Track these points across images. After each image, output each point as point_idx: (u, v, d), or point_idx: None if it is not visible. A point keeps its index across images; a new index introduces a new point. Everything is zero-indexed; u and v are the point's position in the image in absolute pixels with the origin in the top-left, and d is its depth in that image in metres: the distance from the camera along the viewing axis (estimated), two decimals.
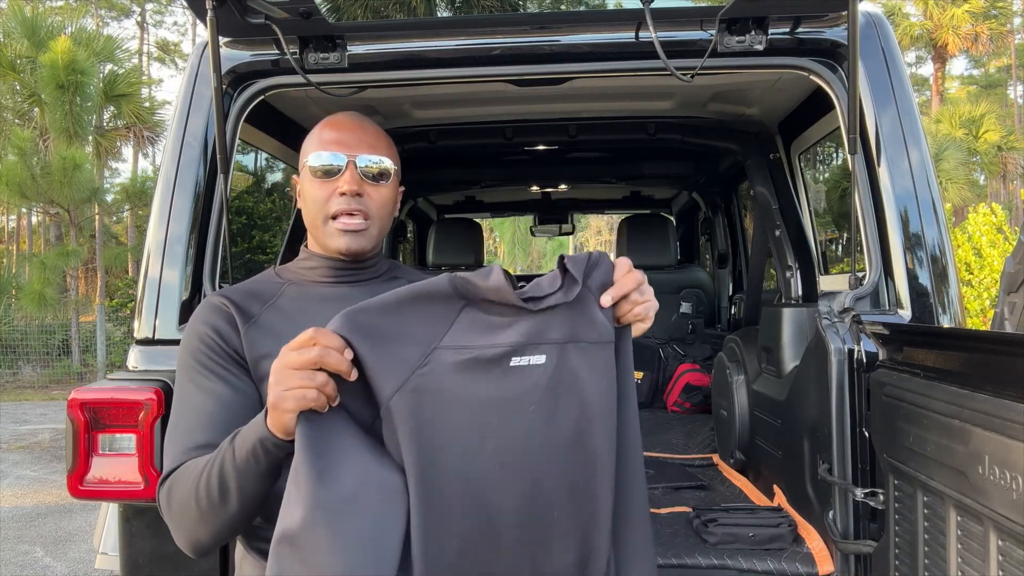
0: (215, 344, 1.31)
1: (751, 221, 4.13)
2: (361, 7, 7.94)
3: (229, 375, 1.29)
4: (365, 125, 1.44)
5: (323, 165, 1.37)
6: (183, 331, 1.37)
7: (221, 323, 1.33)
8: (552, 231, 6.22)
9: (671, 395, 3.60)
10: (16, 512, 5.57)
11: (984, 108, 21.99)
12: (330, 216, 1.38)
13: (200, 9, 1.74)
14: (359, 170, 1.38)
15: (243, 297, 1.38)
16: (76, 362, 13.38)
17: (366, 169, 1.38)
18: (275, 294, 1.41)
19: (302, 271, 1.46)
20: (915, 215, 1.91)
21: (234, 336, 1.32)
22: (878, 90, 1.97)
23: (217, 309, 1.35)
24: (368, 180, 1.38)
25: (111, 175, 24.36)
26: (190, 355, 1.32)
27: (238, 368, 1.31)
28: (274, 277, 1.46)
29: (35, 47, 11.84)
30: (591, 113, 2.86)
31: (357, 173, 1.37)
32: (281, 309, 1.39)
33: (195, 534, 1.21)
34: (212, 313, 1.35)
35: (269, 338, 1.33)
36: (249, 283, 1.45)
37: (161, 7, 33.43)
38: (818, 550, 1.75)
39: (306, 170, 1.40)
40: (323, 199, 1.38)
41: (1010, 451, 1.13)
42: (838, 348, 1.68)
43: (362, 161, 1.38)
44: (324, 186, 1.38)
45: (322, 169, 1.37)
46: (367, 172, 1.38)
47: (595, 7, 10.73)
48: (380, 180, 1.40)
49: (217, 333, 1.32)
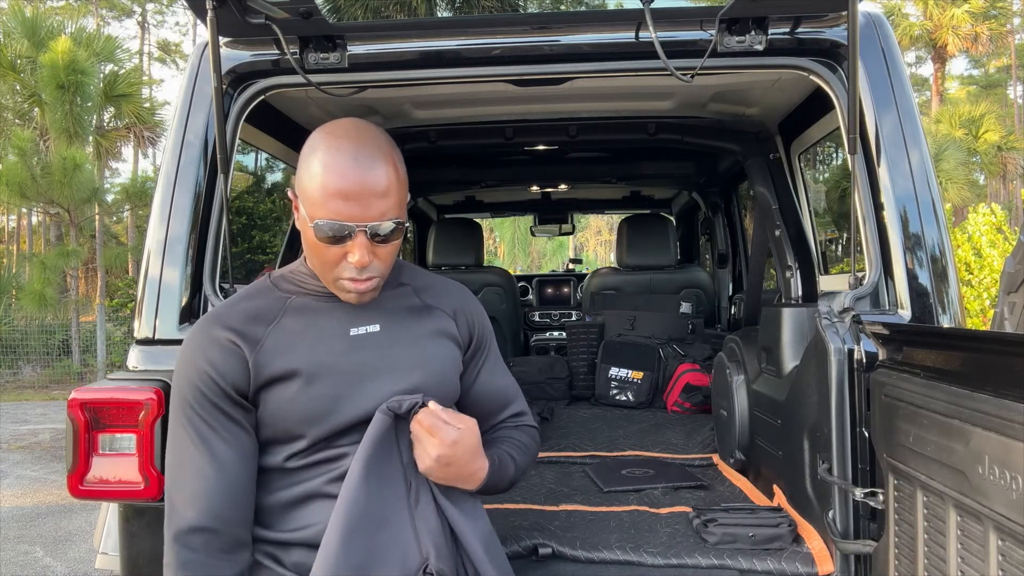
0: (216, 387, 1.29)
1: (751, 221, 4.14)
2: (361, 7, 7.95)
3: (230, 423, 1.30)
4: (374, 167, 1.25)
5: (331, 232, 1.25)
6: (179, 357, 1.34)
7: (223, 360, 1.29)
8: (552, 231, 6.24)
9: (671, 395, 3.60)
10: (16, 512, 5.57)
11: (984, 108, 21.99)
12: (339, 277, 1.31)
13: (200, 9, 1.74)
14: (368, 235, 1.26)
15: (245, 323, 1.33)
16: (76, 362, 13.37)
17: (375, 231, 1.27)
18: (279, 310, 1.36)
19: (303, 283, 1.40)
20: (915, 215, 1.91)
21: (239, 370, 1.29)
22: (878, 90, 1.97)
23: (219, 345, 1.30)
24: (377, 243, 1.29)
25: (111, 175, 24.36)
26: (191, 397, 1.30)
27: (237, 409, 1.30)
28: (273, 290, 1.40)
29: (35, 47, 11.83)
30: (591, 113, 2.86)
31: (367, 240, 1.26)
32: (287, 329, 1.34)
33: None
34: (214, 349, 1.30)
35: (278, 360, 1.31)
36: (246, 299, 1.39)
37: (162, 7, 33.42)
38: (818, 550, 1.75)
39: (310, 227, 1.27)
40: (330, 263, 1.29)
41: (1010, 451, 1.13)
42: (838, 348, 1.68)
43: (372, 226, 1.26)
44: (330, 249, 1.27)
45: (328, 236, 1.26)
46: (376, 235, 1.27)
47: (595, 7, 10.73)
48: (391, 239, 1.30)
49: (218, 373, 1.29)
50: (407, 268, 1.52)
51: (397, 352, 1.37)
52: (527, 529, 1.90)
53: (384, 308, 1.41)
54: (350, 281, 1.30)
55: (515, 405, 1.58)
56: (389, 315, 1.40)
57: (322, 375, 1.31)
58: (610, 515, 2.05)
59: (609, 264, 5.51)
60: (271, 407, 1.30)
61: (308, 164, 1.28)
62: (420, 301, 1.46)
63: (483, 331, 1.53)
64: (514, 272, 7.02)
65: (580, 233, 33.87)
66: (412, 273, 1.51)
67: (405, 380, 1.35)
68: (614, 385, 3.76)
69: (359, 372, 1.34)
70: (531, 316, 5.48)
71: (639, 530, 1.93)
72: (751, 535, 1.80)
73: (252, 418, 1.32)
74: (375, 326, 1.38)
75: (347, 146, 1.26)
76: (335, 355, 1.33)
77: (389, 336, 1.38)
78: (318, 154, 1.26)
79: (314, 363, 1.32)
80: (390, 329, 1.39)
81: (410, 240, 5.38)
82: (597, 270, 4.71)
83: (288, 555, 1.31)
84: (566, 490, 2.34)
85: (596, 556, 1.78)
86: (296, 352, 1.33)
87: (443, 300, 1.48)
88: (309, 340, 1.34)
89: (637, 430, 3.16)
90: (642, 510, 2.10)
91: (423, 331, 1.42)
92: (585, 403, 3.83)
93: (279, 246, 3.09)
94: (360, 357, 1.34)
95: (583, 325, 4.12)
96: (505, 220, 22.36)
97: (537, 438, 1.59)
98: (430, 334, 1.42)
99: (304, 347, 1.33)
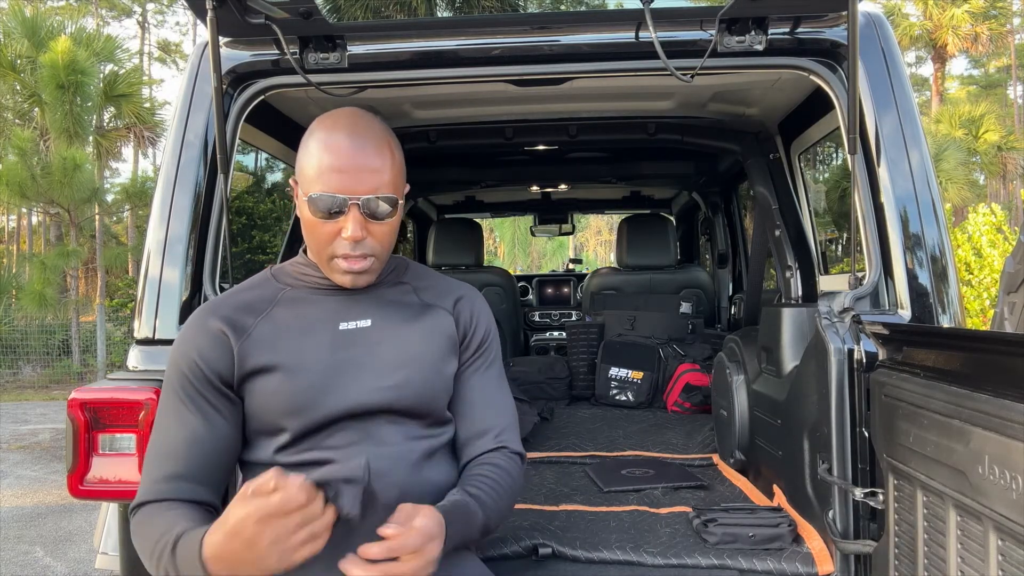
0: (200, 373, 1.32)
1: (751, 221, 4.14)
2: (361, 7, 7.95)
3: (208, 407, 1.32)
4: (366, 145, 1.29)
5: (324, 206, 1.27)
6: (174, 342, 1.38)
7: (211, 348, 1.32)
8: (552, 231, 6.24)
9: (671, 395, 3.60)
10: (16, 512, 5.57)
11: (984, 108, 21.99)
12: (334, 256, 1.32)
13: (200, 9, 1.74)
14: (362, 210, 1.28)
15: (236, 311, 1.36)
16: (76, 362, 13.37)
17: (369, 206, 1.28)
18: (271, 301, 1.39)
19: (301, 276, 1.42)
20: (915, 215, 1.91)
21: (224, 359, 1.32)
22: (878, 90, 1.97)
23: (209, 333, 1.34)
24: (372, 219, 1.30)
25: (111, 175, 24.36)
26: (176, 379, 1.34)
27: (220, 399, 1.33)
28: (271, 281, 1.43)
29: (35, 47, 11.83)
30: (591, 113, 2.86)
31: (361, 215, 1.28)
32: (276, 319, 1.37)
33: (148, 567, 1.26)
34: (203, 337, 1.34)
35: (262, 351, 1.33)
36: (245, 290, 1.42)
37: (162, 7, 33.42)
38: (818, 550, 1.75)
39: (305, 202, 1.30)
40: (325, 239, 1.30)
41: (1010, 451, 1.13)
42: (838, 348, 1.68)
43: (365, 199, 1.27)
44: (325, 225, 1.29)
45: (323, 209, 1.28)
46: (370, 211, 1.29)
47: (595, 7, 10.73)
48: (385, 217, 1.31)
49: (204, 360, 1.32)
50: (412, 267, 1.51)
51: (385, 348, 1.37)
52: (527, 529, 1.90)
53: (379, 304, 1.41)
54: (344, 259, 1.31)
55: (504, 434, 1.45)
56: (383, 311, 1.40)
57: (304, 368, 1.32)
58: (610, 515, 2.05)
59: (609, 264, 5.51)
60: (256, 398, 1.32)
61: (306, 147, 1.32)
62: (419, 300, 1.45)
63: (486, 332, 1.49)
64: (514, 272, 7.02)
65: (580, 233, 33.88)
66: (416, 273, 1.50)
67: (390, 377, 1.35)
68: (614, 385, 3.76)
69: (342, 366, 1.34)
70: (531, 316, 5.48)
71: (639, 530, 1.93)
72: (751, 535, 1.80)
73: (236, 410, 1.34)
74: (367, 321, 1.38)
75: (343, 126, 1.31)
76: (320, 348, 1.34)
77: (380, 332, 1.38)
78: (316, 135, 1.32)
79: (297, 355, 1.33)
80: (382, 325, 1.39)
81: (410, 240, 5.38)
82: (597, 270, 4.71)
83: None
84: (566, 490, 2.34)
85: (596, 556, 1.78)
86: (281, 344, 1.34)
87: (445, 297, 1.47)
88: (296, 332, 1.35)
89: (637, 430, 3.16)
90: (642, 510, 2.09)
91: (416, 329, 1.41)
92: (585, 403, 3.83)
93: (279, 246, 3.10)
94: (346, 351, 1.35)
95: (583, 325, 4.12)
96: (505, 220, 22.37)
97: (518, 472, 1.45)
98: (424, 332, 1.41)
99: (290, 339, 1.35)
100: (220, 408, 1.33)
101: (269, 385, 1.31)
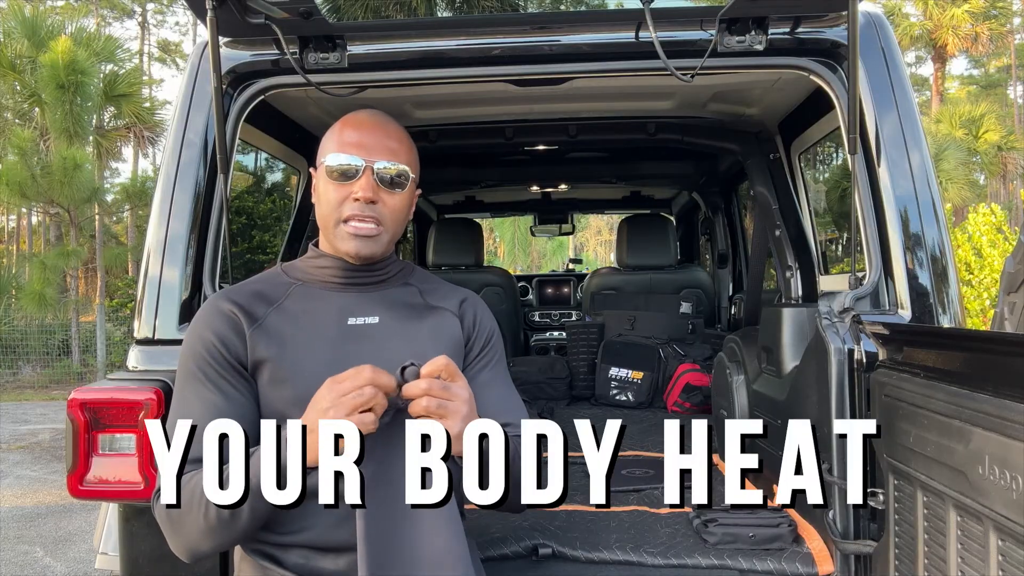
0: (218, 354, 1.32)
1: (751, 221, 4.14)
2: (361, 7, 7.94)
3: (228, 386, 1.31)
4: (387, 127, 1.40)
5: (340, 166, 1.35)
6: (187, 330, 1.38)
7: (226, 331, 1.33)
8: (552, 231, 6.24)
9: (671, 395, 3.60)
10: (16, 512, 5.57)
11: (984, 108, 21.98)
12: (342, 219, 1.36)
13: (200, 9, 1.74)
14: (376, 175, 1.35)
15: (249, 299, 1.38)
16: (76, 362, 13.37)
17: (383, 173, 1.35)
18: (282, 295, 1.41)
19: (311, 270, 1.44)
20: (915, 215, 1.91)
21: (238, 343, 1.33)
22: (878, 90, 1.97)
23: (223, 315, 1.35)
24: (384, 187, 1.36)
25: (111, 175, 24.40)
26: (193, 361, 1.33)
27: (238, 378, 1.33)
28: (281, 276, 1.45)
29: (35, 47, 11.83)
30: (591, 113, 2.86)
31: (374, 179, 1.35)
32: (286, 311, 1.38)
33: (197, 545, 1.23)
34: (218, 319, 1.35)
35: (273, 342, 1.34)
36: (255, 282, 1.45)
37: (162, 7, 33.42)
38: (818, 550, 1.75)
39: (323, 168, 1.38)
40: (337, 202, 1.36)
41: (1010, 451, 1.13)
42: (838, 348, 1.68)
43: (380, 166, 1.35)
44: (339, 188, 1.35)
45: (339, 170, 1.35)
46: (383, 178, 1.36)
47: (595, 7, 10.73)
48: (396, 187, 1.37)
49: (221, 342, 1.32)
50: (418, 272, 1.54)
51: (392, 346, 1.38)
52: (527, 529, 1.90)
53: (387, 302, 1.43)
54: (353, 223, 1.34)
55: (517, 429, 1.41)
56: (391, 309, 1.42)
57: (310, 361, 1.33)
58: (610, 515, 2.05)
59: (609, 264, 5.51)
60: (264, 387, 1.33)
61: (329, 132, 1.42)
62: (424, 301, 1.47)
63: (490, 332, 1.52)
64: (514, 272, 7.02)
65: (580, 233, 33.87)
66: (421, 276, 1.53)
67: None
68: (614, 385, 3.76)
69: (348, 361, 1.33)
70: (531, 316, 5.48)
71: (639, 530, 1.93)
72: (751, 535, 1.80)
73: (252, 390, 1.33)
74: (374, 318, 1.40)
75: (366, 113, 1.44)
76: (327, 342, 1.35)
77: (387, 329, 1.40)
78: (339, 122, 1.42)
79: (306, 347, 1.34)
80: (389, 323, 1.41)
81: (410, 240, 5.38)
82: (597, 270, 4.71)
83: (287, 556, 1.31)
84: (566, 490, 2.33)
85: (596, 556, 1.78)
86: (290, 335, 1.35)
87: (450, 300, 1.50)
88: (305, 325, 1.37)
89: (637, 430, 3.16)
90: (642, 510, 2.09)
91: (423, 328, 1.43)
92: (585, 403, 3.83)
93: (279, 246, 3.09)
94: (352, 347, 1.36)
95: (583, 325, 4.12)
96: (505, 220, 22.35)
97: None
98: (430, 332, 1.43)
99: (298, 331, 1.36)
100: (238, 386, 1.32)
101: (277, 375, 1.32)
